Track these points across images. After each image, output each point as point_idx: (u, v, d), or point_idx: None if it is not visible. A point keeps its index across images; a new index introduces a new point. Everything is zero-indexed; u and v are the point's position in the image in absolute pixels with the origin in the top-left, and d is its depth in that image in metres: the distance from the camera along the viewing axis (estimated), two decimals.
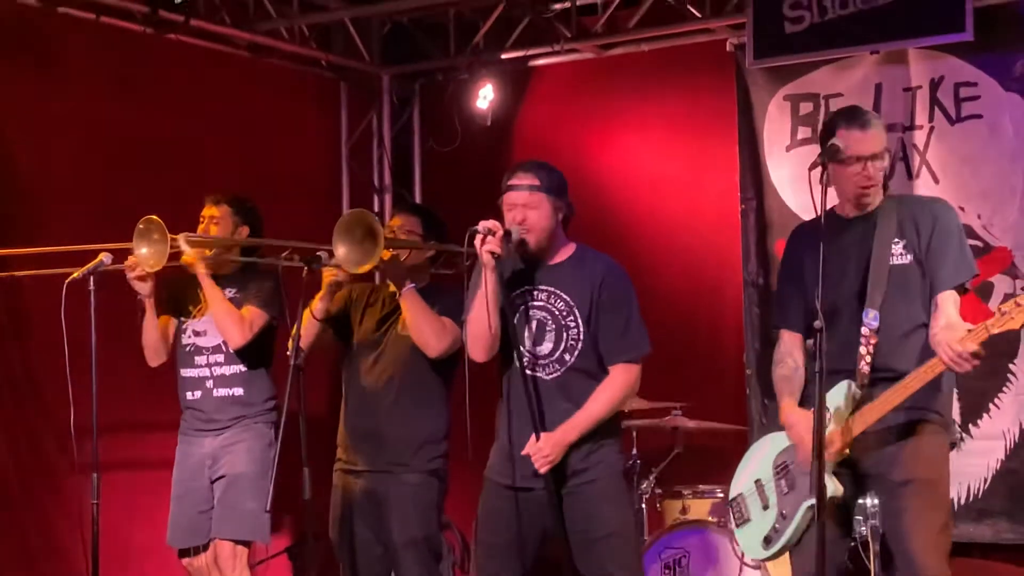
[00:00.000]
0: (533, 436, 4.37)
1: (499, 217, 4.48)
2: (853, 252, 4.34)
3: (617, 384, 4.44)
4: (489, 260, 4.35)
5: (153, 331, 5.57)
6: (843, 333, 4.26)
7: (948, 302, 4.23)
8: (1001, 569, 6.34)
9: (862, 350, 4.25)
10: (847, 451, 4.25)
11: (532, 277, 4.51)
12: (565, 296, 4.46)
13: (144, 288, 5.42)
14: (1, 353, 6.27)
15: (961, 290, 4.30)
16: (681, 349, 6.97)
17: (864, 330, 4.25)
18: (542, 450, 4.34)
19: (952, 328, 4.13)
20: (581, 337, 4.43)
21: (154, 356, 5.63)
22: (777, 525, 4.43)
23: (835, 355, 4.12)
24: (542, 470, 4.35)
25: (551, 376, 4.45)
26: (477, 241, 4.35)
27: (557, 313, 4.45)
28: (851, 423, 4.23)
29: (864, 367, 4.25)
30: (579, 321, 4.43)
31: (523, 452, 4.38)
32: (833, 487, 4.19)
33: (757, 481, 4.56)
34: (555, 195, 4.46)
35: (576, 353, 4.43)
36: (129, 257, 5.31)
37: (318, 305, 5.16)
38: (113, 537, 5.67)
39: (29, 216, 6.27)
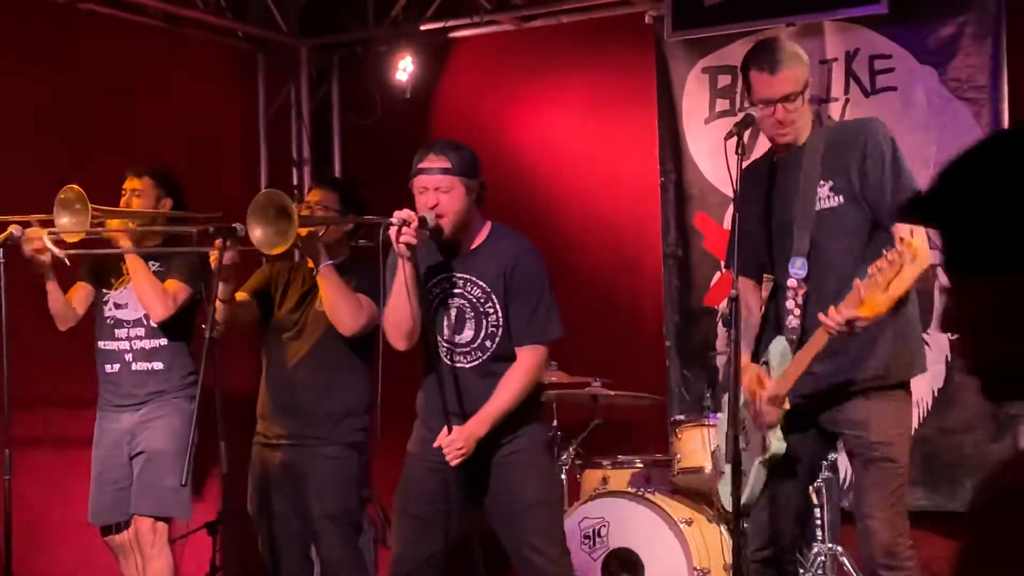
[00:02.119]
0: (445, 429, 4.35)
1: (411, 199, 4.43)
2: (782, 197, 4.22)
3: (523, 369, 4.40)
4: (404, 251, 4.29)
5: (56, 303, 5.45)
6: (779, 285, 4.18)
7: (904, 231, 3.95)
8: (915, 535, 6.41)
9: (789, 303, 4.14)
10: (787, 405, 4.14)
11: (449, 265, 4.47)
12: (480, 283, 4.43)
13: (41, 263, 5.25)
14: None
15: None
16: (601, 321, 7.00)
17: (791, 281, 4.14)
18: (455, 443, 4.33)
19: (906, 244, 3.84)
20: (500, 323, 4.41)
21: (61, 323, 5.54)
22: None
23: (777, 311, 4.11)
24: (453, 463, 4.33)
25: (472, 364, 4.44)
26: (392, 232, 4.28)
27: (475, 300, 4.43)
28: (777, 387, 4.13)
29: (793, 321, 4.14)
30: (497, 307, 4.41)
31: (435, 444, 4.37)
32: (776, 445, 4.14)
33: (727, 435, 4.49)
34: (467, 176, 4.40)
35: (497, 339, 4.42)
36: (30, 230, 5.19)
37: (220, 287, 5.08)
38: (28, 515, 5.60)
39: None
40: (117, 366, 5.53)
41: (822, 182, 4.16)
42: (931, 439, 6.34)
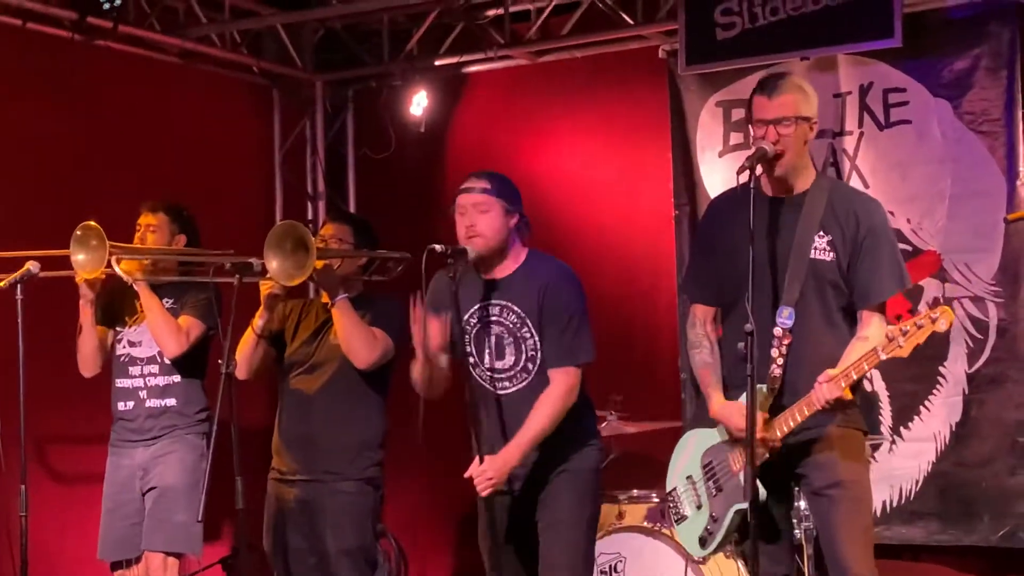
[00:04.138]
0: (476, 459, 4.34)
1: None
2: (774, 238, 4.15)
3: (554, 394, 4.38)
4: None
5: (91, 341, 5.48)
6: (759, 329, 4.00)
7: (873, 317, 4.12)
8: (932, 570, 6.42)
9: (773, 352, 4.12)
10: (767, 455, 4.12)
11: (487, 292, 4.46)
12: (516, 308, 4.42)
13: (90, 292, 5.32)
14: None
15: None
16: (616, 354, 6.97)
17: (777, 330, 4.13)
18: (485, 472, 4.32)
19: (862, 340, 4.07)
20: (538, 348, 4.40)
21: (89, 367, 5.55)
22: (709, 527, 4.36)
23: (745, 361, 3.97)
24: (484, 493, 4.33)
25: (516, 388, 4.44)
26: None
27: (511, 326, 4.43)
28: (767, 429, 4.10)
29: (775, 369, 4.13)
30: (533, 332, 4.41)
31: (466, 475, 4.35)
32: (761, 492, 4.07)
33: (689, 478, 4.45)
34: (507, 201, 4.44)
35: (537, 364, 4.41)
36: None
37: (258, 322, 5.11)
38: (43, 550, 5.59)
39: None
40: (131, 403, 5.53)
41: (821, 233, 4.16)
42: (948, 473, 6.31)
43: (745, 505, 4.12)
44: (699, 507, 4.41)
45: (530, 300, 4.41)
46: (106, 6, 6.39)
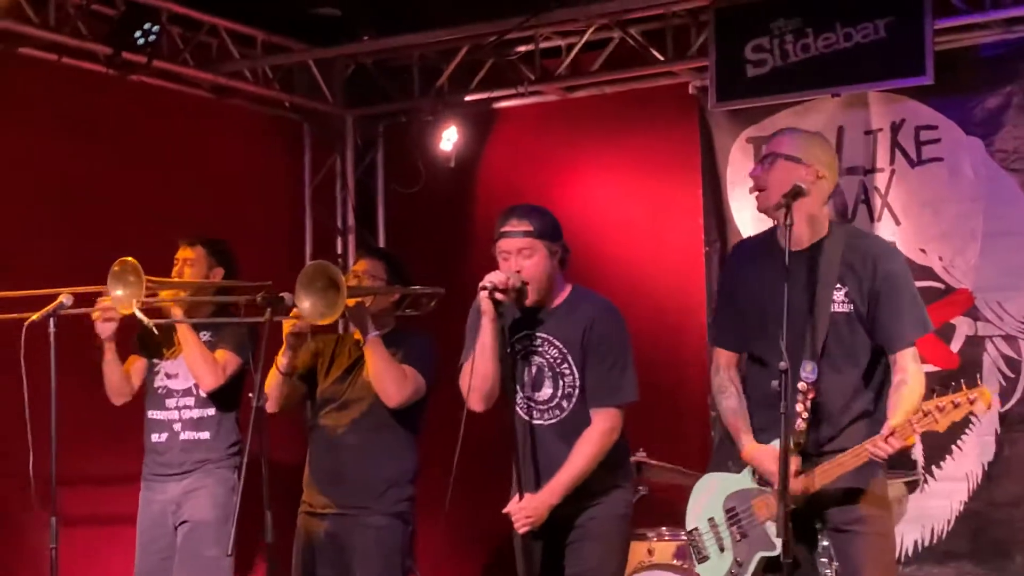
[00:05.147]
0: (516, 495, 4.33)
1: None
2: (793, 289, 4.09)
3: (596, 434, 4.37)
4: (490, 309, 4.29)
5: (114, 373, 5.51)
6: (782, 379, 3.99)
7: (907, 358, 4.09)
8: None
9: (799, 407, 4.07)
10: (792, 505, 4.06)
11: (530, 322, 4.44)
12: (558, 343, 4.41)
13: (107, 330, 5.36)
14: None
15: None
16: (645, 391, 6.92)
17: (801, 384, 4.08)
18: (524, 510, 4.31)
19: (905, 384, 4.04)
20: (577, 384, 4.39)
21: (117, 396, 5.58)
22: (734, 571, 4.35)
23: (772, 403, 3.98)
24: (522, 531, 4.32)
25: (551, 421, 4.42)
26: (483, 295, 4.27)
27: (551, 360, 4.41)
28: (796, 484, 4.06)
29: (801, 423, 4.08)
30: (573, 368, 4.39)
31: (504, 510, 4.35)
32: (777, 544, 4.04)
33: (711, 520, 4.44)
34: (549, 239, 4.38)
35: (574, 400, 4.40)
36: (101, 298, 5.26)
37: (282, 360, 5.10)
38: None
39: None
40: (165, 435, 5.54)
41: (839, 286, 4.14)
42: (981, 513, 6.26)
43: (771, 553, 4.14)
44: (722, 550, 4.40)
45: (573, 337, 4.39)
46: (140, 41, 6.43)
